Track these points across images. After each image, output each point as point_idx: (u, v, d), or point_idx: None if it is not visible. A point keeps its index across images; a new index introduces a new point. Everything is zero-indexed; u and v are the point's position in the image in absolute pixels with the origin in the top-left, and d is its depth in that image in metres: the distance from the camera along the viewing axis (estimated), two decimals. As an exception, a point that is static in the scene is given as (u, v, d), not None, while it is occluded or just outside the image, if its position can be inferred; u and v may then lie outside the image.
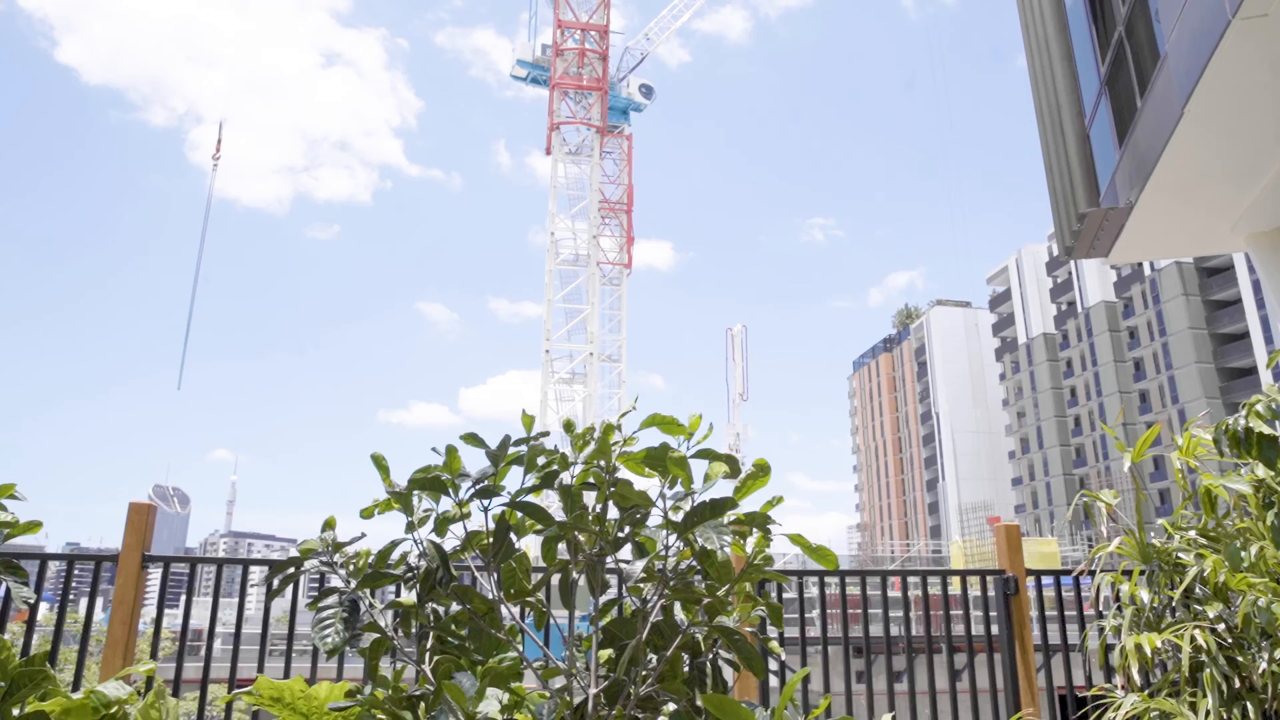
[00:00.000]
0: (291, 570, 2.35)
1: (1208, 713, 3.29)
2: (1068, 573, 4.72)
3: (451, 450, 2.23)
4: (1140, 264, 77.49)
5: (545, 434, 2.45)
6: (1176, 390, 71.21)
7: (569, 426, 2.73)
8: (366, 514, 2.49)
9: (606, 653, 2.38)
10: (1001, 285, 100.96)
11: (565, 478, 2.56)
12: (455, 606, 2.39)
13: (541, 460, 2.39)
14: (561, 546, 2.50)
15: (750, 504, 2.58)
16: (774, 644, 3.12)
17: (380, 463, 2.25)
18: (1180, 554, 3.76)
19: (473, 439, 2.37)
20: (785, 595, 5.52)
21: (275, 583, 2.38)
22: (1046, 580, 4.85)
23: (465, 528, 2.41)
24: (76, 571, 4.52)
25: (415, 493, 2.37)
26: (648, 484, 2.68)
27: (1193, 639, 3.41)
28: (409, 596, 2.36)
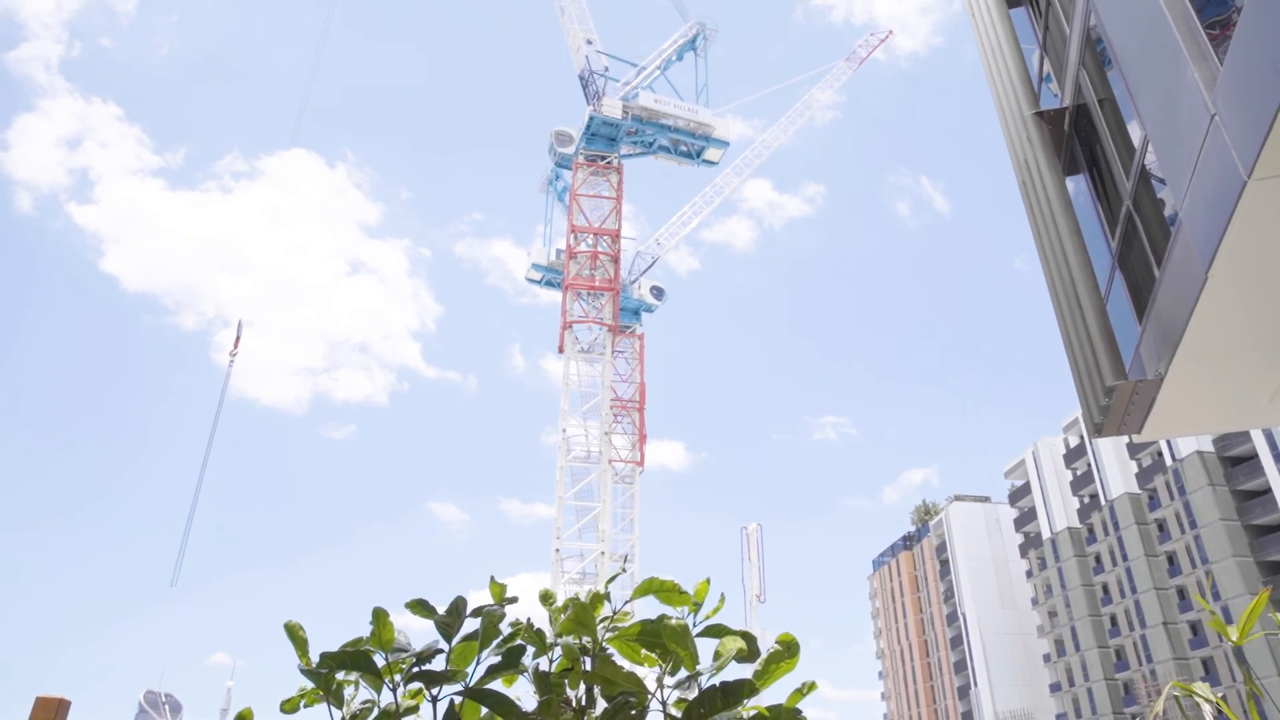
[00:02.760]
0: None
1: None
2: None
3: (381, 616, 1.70)
4: (1161, 454, 76.34)
5: (513, 600, 1.94)
6: (1218, 585, 68.07)
7: (546, 597, 2.21)
8: (289, 707, 1.94)
9: None
10: (1020, 479, 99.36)
11: (543, 662, 2.03)
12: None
13: (507, 630, 1.86)
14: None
15: (774, 693, 2.02)
16: None
17: (295, 635, 1.72)
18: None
19: (420, 606, 1.86)
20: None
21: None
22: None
23: (406, 727, 1.84)
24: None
25: (346, 676, 1.83)
26: (647, 673, 2.12)
27: None
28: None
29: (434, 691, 1.83)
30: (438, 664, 1.87)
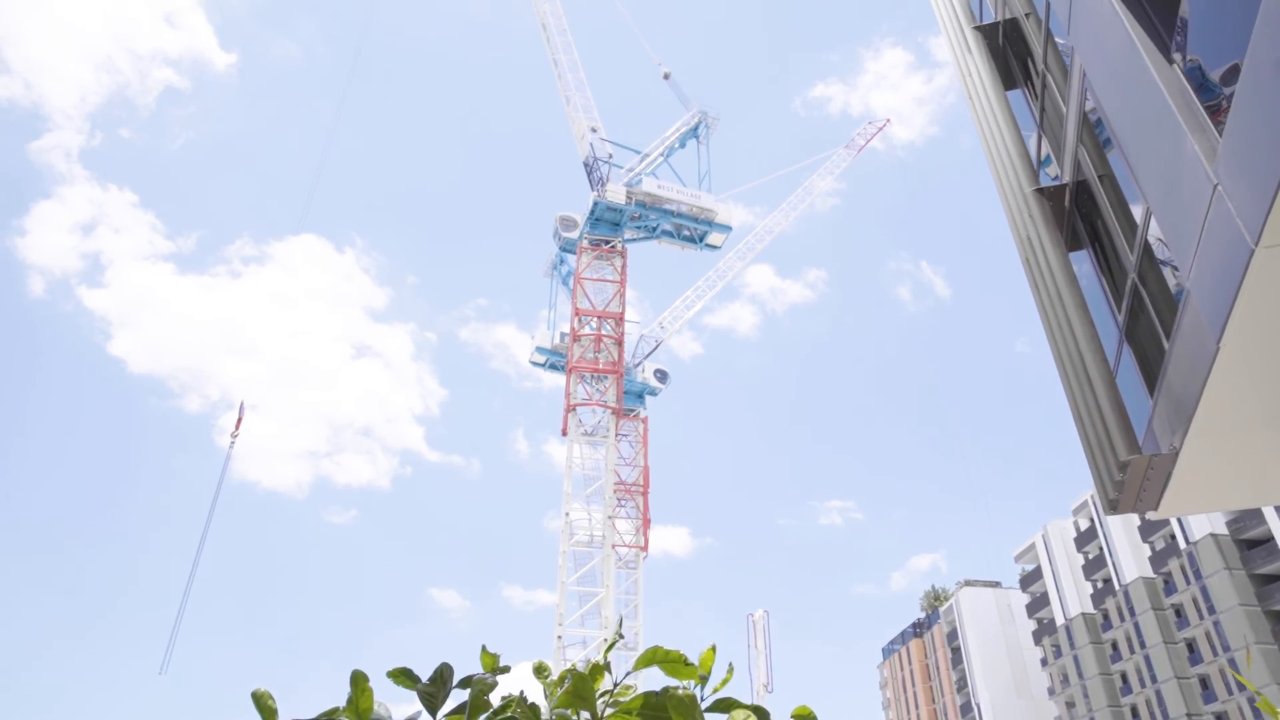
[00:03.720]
0: None
1: None
2: None
3: (359, 680, 1.54)
4: (1174, 537, 74.98)
5: (505, 669, 1.78)
6: (1241, 674, 65.97)
7: (540, 669, 2.05)
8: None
9: None
10: (1030, 563, 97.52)
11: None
12: None
13: (497, 703, 1.69)
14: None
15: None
16: None
17: (264, 704, 1.55)
18: None
19: (402, 675, 1.70)
20: None
21: None
22: None
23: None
24: None
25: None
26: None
27: None
28: None
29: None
30: (421, 741, 1.70)
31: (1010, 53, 12.28)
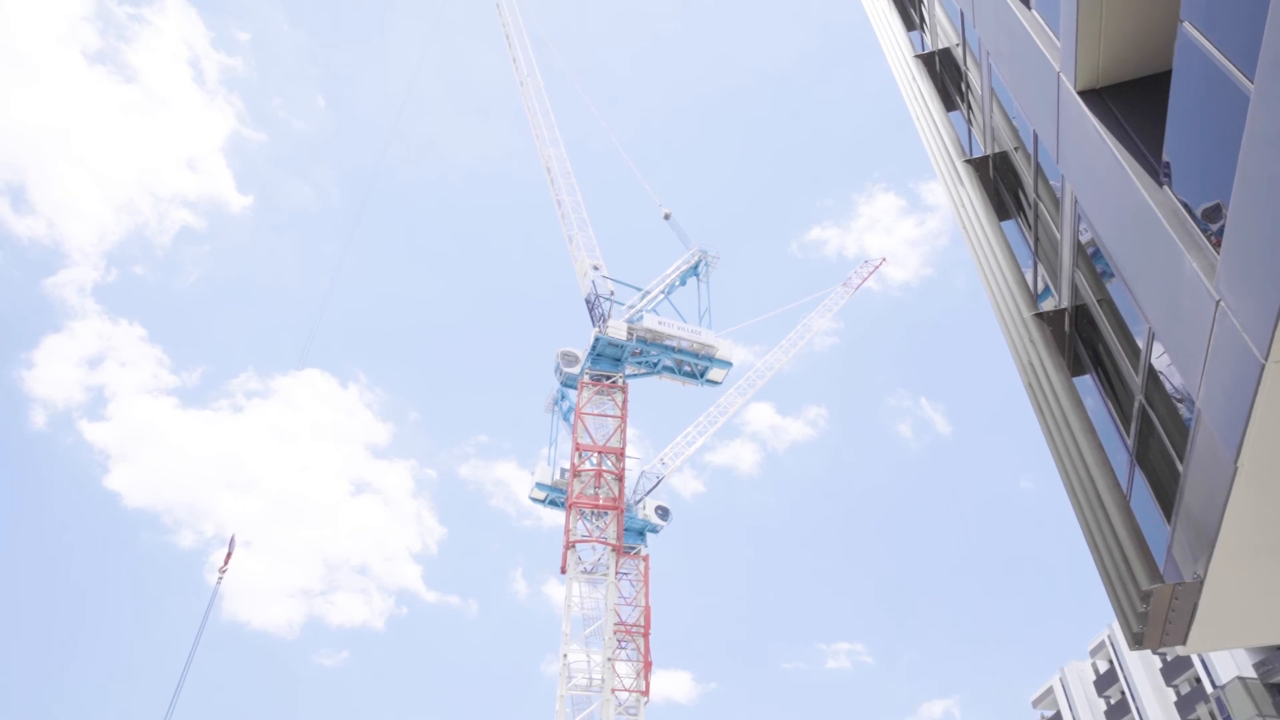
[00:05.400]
0: None
1: None
2: None
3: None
4: (1199, 680, 71.81)
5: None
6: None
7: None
8: None
9: None
10: (1049, 709, 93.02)
11: None
12: None
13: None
14: None
15: None
16: None
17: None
18: None
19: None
20: None
21: None
22: None
23: None
24: None
25: None
26: None
27: None
28: None
29: None
30: None
31: (1001, 184, 12.57)
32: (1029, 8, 9.68)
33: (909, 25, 17.39)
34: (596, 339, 59.24)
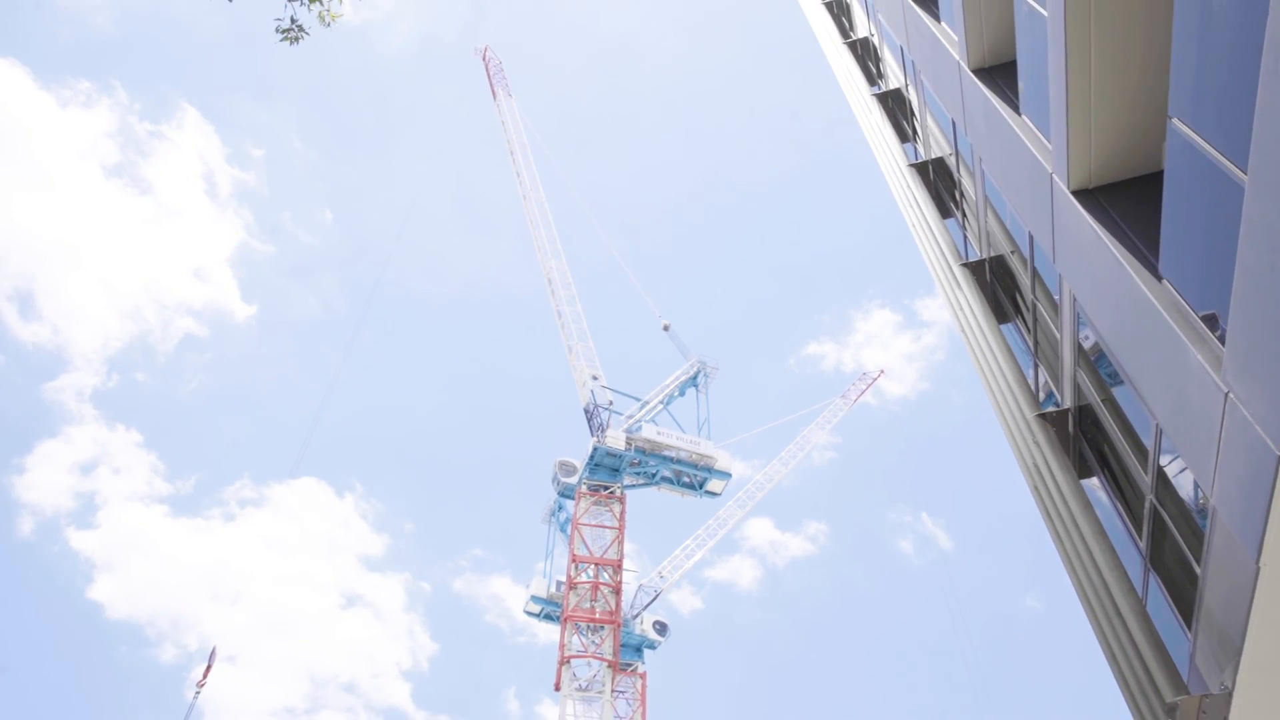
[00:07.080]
0: None
1: None
2: None
3: None
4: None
5: None
6: None
7: None
8: None
9: None
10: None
11: None
12: None
13: None
14: None
15: None
16: None
17: None
18: None
19: None
20: None
21: None
22: None
23: None
24: None
25: None
26: None
27: None
28: None
29: None
30: None
31: (999, 288, 12.62)
32: (1019, 114, 9.90)
33: (902, 138, 17.88)
34: (595, 448, 58.80)
